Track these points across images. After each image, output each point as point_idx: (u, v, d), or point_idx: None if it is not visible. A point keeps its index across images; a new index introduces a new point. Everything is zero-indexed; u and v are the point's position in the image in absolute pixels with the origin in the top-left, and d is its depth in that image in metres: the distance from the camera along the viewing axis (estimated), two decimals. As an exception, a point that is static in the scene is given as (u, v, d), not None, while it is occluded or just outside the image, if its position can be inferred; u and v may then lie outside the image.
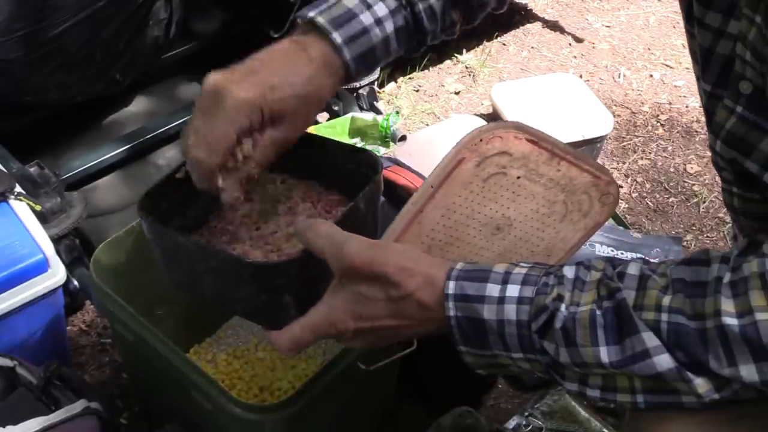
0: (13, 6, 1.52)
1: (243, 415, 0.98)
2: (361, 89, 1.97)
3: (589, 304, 0.66)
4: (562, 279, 0.68)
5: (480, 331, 0.69)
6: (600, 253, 1.60)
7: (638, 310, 0.64)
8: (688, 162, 2.21)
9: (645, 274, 0.66)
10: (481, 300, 0.69)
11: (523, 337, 0.67)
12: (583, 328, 0.65)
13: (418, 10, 0.90)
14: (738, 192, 0.77)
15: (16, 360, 1.17)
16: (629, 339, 0.64)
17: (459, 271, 0.71)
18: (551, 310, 0.66)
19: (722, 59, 0.71)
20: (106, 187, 1.74)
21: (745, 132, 0.69)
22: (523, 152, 0.80)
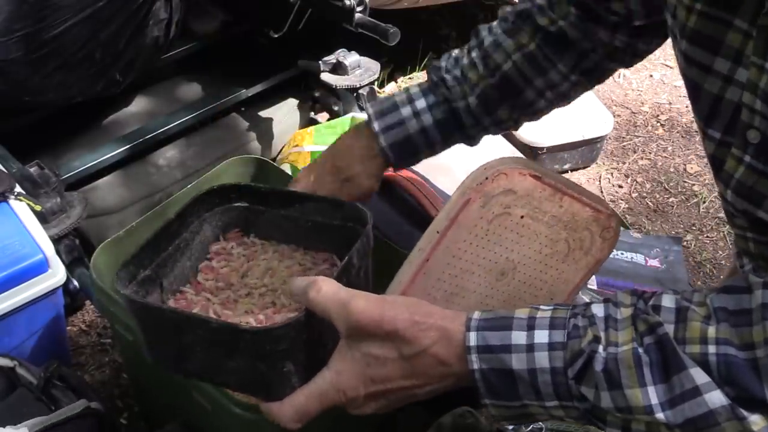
0: (13, 6, 1.51)
1: (243, 415, 0.98)
2: (361, 89, 1.97)
3: (629, 343, 0.62)
4: (593, 319, 0.64)
5: (509, 382, 0.65)
6: (600, 253, 1.60)
7: (681, 344, 0.61)
8: (688, 162, 2.21)
9: (682, 306, 0.63)
10: (507, 349, 0.65)
11: (559, 384, 0.64)
12: (628, 368, 0.62)
13: (455, 106, 0.96)
14: (753, 237, 0.75)
15: (16, 360, 1.17)
16: (677, 376, 0.60)
17: (478, 321, 0.67)
18: (588, 353, 0.63)
19: (732, 106, 0.70)
20: (106, 187, 1.74)
21: (755, 182, 0.67)
22: (527, 189, 0.79)
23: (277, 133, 1.98)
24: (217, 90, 1.94)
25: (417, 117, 0.94)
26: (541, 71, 0.94)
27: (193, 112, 1.85)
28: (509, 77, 0.96)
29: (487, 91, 0.96)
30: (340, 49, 1.99)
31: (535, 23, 0.94)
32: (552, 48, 0.94)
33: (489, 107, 0.96)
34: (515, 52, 0.94)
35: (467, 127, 0.97)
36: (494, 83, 0.96)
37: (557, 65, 0.94)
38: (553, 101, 0.99)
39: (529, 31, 0.95)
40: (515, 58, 0.94)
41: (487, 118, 0.97)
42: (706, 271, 1.91)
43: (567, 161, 2.12)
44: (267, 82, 1.97)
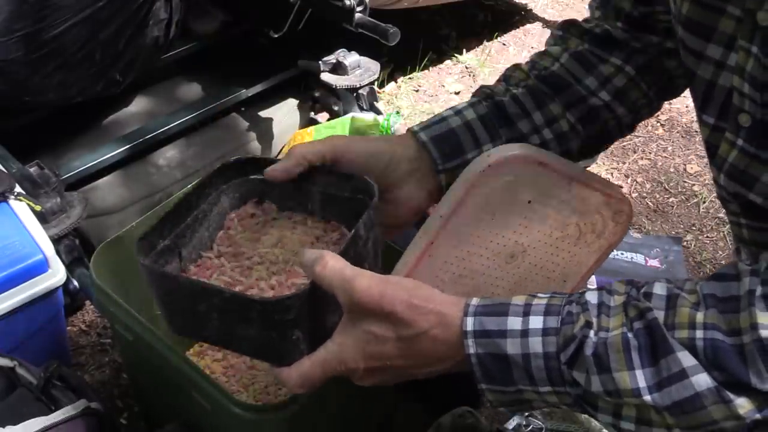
0: (13, 6, 1.52)
1: (243, 415, 0.98)
2: (361, 89, 1.97)
3: (619, 327, 0.64)
4: (586, 305, 0.66)
5: (504, 367, 0.67)
6: (600, 253, 1.60)
7: (671, 329, 0.62)
8: (688, 162, 2.21)
9: (673, 293, 0.64)
10: (503, 334, 0.66)
11: (552, 369, 0.65)
12: (617, 351, 0.63)
13: (498, 99, 0.88)
14: (746, 223, 0.76)
15: (16, 360, 1.17)
16: (664, 360, 0.62)
17: (476, 307, 0.68)
18: (580, 338, 0.64)
19: (724, 91, 0.71)
20: (106, 187, 1.74)
21: (747, 164, 0.68)
22: (533, 175, 0.78)
23: (277, 133, 1.98)
24: (217, 90, 1.94)
25: (458, 114, 0.88)
26: (590, 67, 0.88)
27: (193, 112, 1.85)
28: (557, 74, 0.89)
29: (534, 84, 0.89)
30: (340, 49, 1.99)
31: (581, 29, 0.92)
32: (600, 46, 0.88)
33: (537, 98, 0.88)
34: (562, 54, 0.89)
35: (514, 119, 0.87)
36: (541, 76, 0.89)
37: (608, 59, 0.88)
38: (610, 104, 0.88)
39: (575, 37, 0.91)
40: (563, 60, 0.89)
41: (537, 111, 0.87)
42: (706, 271, 1.91)
43: (567, 161, 2.11)
44: (267, 82, 1.97)
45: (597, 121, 0.89)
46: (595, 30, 0.90)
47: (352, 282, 0.69)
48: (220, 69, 2.01)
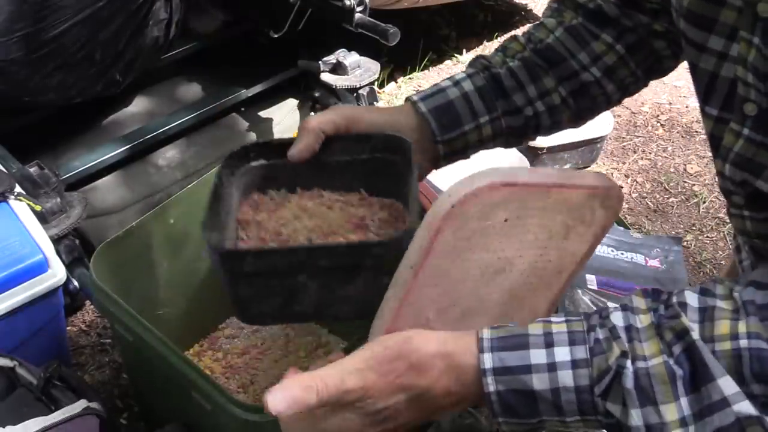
0: (13, 6, 1.52)
1: (243, 415, 0.98)
2: (361, 89, 1.97)
3: (659, 355, 0.61)
4: (614, 331, 0.63)
5: (528, 402, 0.63)
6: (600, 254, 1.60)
7: (710, 342, 0.60)
8: (688, 162, 2.21)
9: (708, 306, 0.62)
10: (527, 370, 0.63)
11: (584, 402, 0.62)
12: (662, 383, 0.60)
13: (495, 71, 0.90)
14: (750, 215, 0.76)
15: (16, 360, 1.17)
16: (705, 387, 0.59)
17: (491, 341, 0.64)
18: (615, 369, 0.61)
19: (727, 82, 0.71)
20: (106, 187, 1.74)
21: (754, 153, 0.68)
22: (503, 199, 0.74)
23: (277, 133, 1.98)
24: (217, 90, 1.94)
25: (456, 85, 0.89)
26: (583, 43, 0.90)
27: (193, 112, 1.85)
28: (552, 46, 0.91)
29: (530, 57, 0.91)
30: (340, 49, 1.99)
31: (576, 2, 0.93)
32: (593, 22, 0.91)
33: (532, 71, 0.90)
34: (557, 28, 0.92)
35: (510, 92, 0.89)
36: (536, 49, 0.91)
37: (600, 36, 0.90)
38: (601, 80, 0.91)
39: (570, 10, 0.93)
40: (557, 34, 0.91)
41: (531, 84, 0.90)
42: (706, 271, 1.91)
43: (567, 161, 2.12)
44: (267, 82, 1.97)
45: (587, 96, 0.92)
46: (589, 5, 0.92)
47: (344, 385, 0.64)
48: (220, 69, 2.01)
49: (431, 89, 0.91)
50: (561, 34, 0.91)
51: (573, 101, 0.92)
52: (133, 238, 1.21)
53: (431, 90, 0.90)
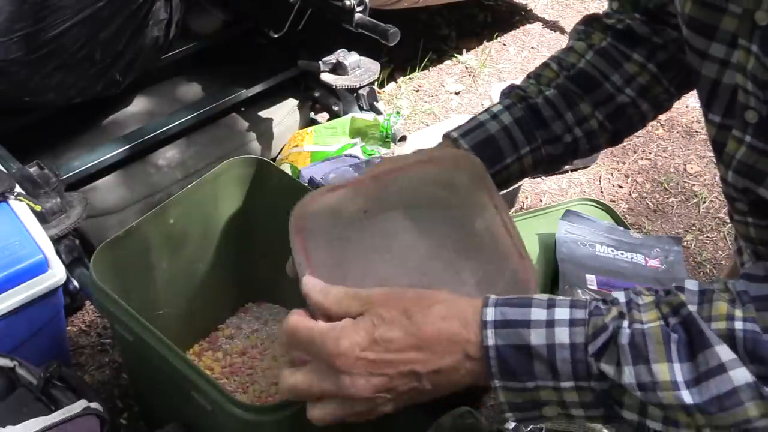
0: (13, 6, 1.51)
1: (243, 415, 0.98)
2: (361, 89, 1.97)
3: (656, 320, 0.62)
4: (615, 301, 0.65)
5: (525, 359, 0.64)
6: (600, 254, 1.60)
7: (707, 321, 0.61)
8: (688, 162, 2.21)
9: (707, 289, 0.64)
10: (526, 324, 0.63)
11: (578, 361, 0.63)
12: (656, 342, 0.61)
13: (533, 102, 0.91)
14: (754, 221, 0.76)
15: (16, 360, 1.17)
16: (702, 354, 0.60)
17: (496, 299, 0.66)
18: (612, 328, 0.62)
19: (729, 89, 0.71)
20: (106, 187, 1.74)
21: (756, 160, 0.68)
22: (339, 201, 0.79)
23: (277, 133, 1.98)
24: (217, 90, 1.94)
25: (495, 118, 0.90)
26: (615, 65, 0.91)
27: (193, 112, 1.85)
28: (585, 71, 0.92)
29: (564, 84, 0.92)
30: (340, 49, 1.99)
31: (603, 24, 0.94)
32: (623, 42, 0.92)
33: (568, 99, 0.91)
34: (587, 51, 0.93)
35: (549, 122, 0.90)
36: (570, 76, 0.92)
37: (631, 56, 0.91)
38: (636, 100, 0.92)
39: (599, 32, 0.94)
40: (588, 57, 0.92)
41: (569, 112, 0.91)
42: (706, 271, 1.91)
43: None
44: (267, 82, 1.97)
45: (623, 117, 0.93)
46: (617, 26, 0.92)
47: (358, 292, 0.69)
48: (220, 69, 2.01)
49: (470, 124, 0.91)
50: (592, 58, 0.92)
51: (610, 124, 0.93)
52: (133, 238, 1.21)
53: (470, 125, 0.91)
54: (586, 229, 1.64)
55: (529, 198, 2.05)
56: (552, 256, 1.58)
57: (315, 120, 2.08)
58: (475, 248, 0.77)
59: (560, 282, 1.50)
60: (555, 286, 1.53)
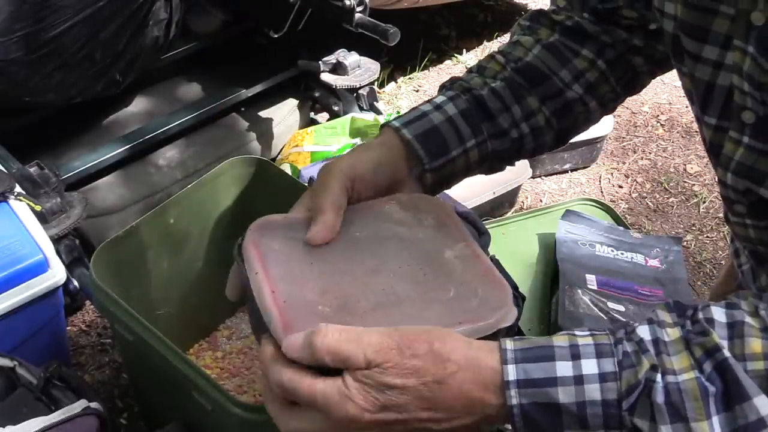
0: (13, 6, 1.52)
1: (243, 415, 0.98)
2: (361, 89, 1.97)
3: (689, 370, 0.59)
4: (642, 344, 0.61)
5: (553, 415, 0.61)
6: (600, 254, 1.60)
7: (741, 360, 0.59)
8: (688, 162, 2.21)
9: (737, 321, 0.60)
10: (553, 382, 0.60)
11: (610, 416, 0.60)
12: (694, 399, 0.58)
13: (478, 93, 0.85)
14: (752, 223, 0.75)
15: (16, 360, 1.17)
16: (739, 407, 0.58)
17: (515, 352, 0.62)
18: (644, 383, 0.60)
19: (724, 91, 0.71)
20: (106, 187, 1.74)
21: (755, 161, 0.68)
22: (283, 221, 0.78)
23: (277, 133, 1.98)
24: (217, 90, 1.94)
25: (439, 109, 0.84)
26: (564, 60, 0.87)
27: (193, 112, 1.85)
28: (532, 65, 0.88)
29: (511, 77, 0.87)
30: (340, 49, 1.99)
31: (551, 20, 0.91)
32: (572, 39, 0.88)
33: (515, 91, 0.86)
34: (535, 45, 0.89)
35: (495, 114, 0.85)
36: (517, 68, 0.88)
37: (580, 53, 0.88)
38: (584, 98, 0.89)
39: (546, 27, 0.91)
40: (536, 51, 0.88)
41: (516, 104, 0.86)
42: (706, 271, 1.91)
43: (567, 161, 2.12)
44: (267, 82, 1.97)
45: (570, 114, 0.90)
46: (566, 22, 0.89)
47: (361, 342, 0.62)
48: (220, 69, 2.01)
49: (411, 114, 0.85)
50: (540, 52, 0.88)
51: (556, 121, 0.89)
52: (133, 238, 1.21)
53: (412, 115, 0.84)
54: (586, 229, 1.64)
55: (529, 198, 2.05)
56: (552, 256, 1.58)
57: (315, 120, 2.08)
58: (445, 273, 0.73)
59: (560, 282, 1.50)
60: (555, 286, 1.53)
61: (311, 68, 1.97)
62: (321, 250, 0.74)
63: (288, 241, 0.75)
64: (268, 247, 0.74)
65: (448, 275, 0.73)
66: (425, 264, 0.74)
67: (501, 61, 0.89)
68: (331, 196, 0.76)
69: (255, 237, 0.75)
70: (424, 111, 0.84)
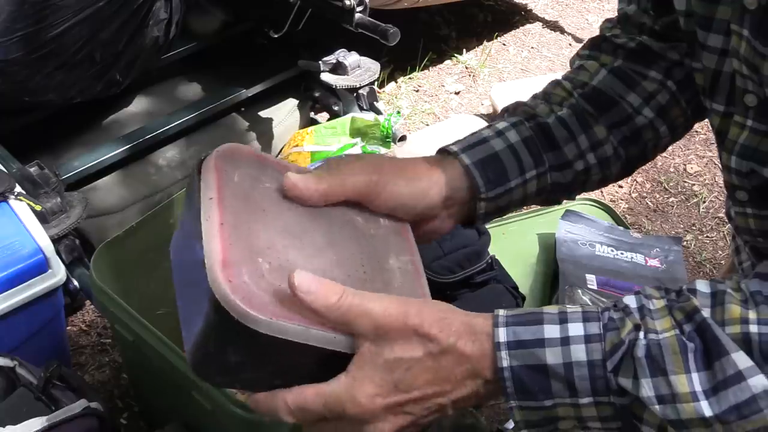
0: (13, 6, 1.52)
1: (243, 415, 0.98)
2: (361, 89, 1.97)
3: (671, 329, 0.61)
4: (627, 309, 0.63)
5: (542, 379, 0.62)
6: (600, 254, 1.60)
7: (720, 325, 0.60)
8: (688, 162, 2.21)
9: (718, 290, 0.62)
10: (540, 344, 0.62)
11: (596, 378, 0.61)
12: (673, 353, 0.60)
13: (543, 121, 0.82)
14: (753, 212, 0.76)
15: (17, 360, 1.17)
16: (718, 362, 0.59)
17: (506, 317, 0.63)
18: (628, 342, 0.61)
19: (729, 77, 0.71)
20: (106, 187, 1.74)
21: (759, 142, 0.68)
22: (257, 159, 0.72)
23: (277, 133, 1.98)
24: (217, 90, 1.94)
25: (500, 135, 0.80)
26: (632, 83, 0.84)
27: (193, 112, 1.85)
28: (599, 89, 0.84)
29: (578, 104, 0.83)
30: (340, 49, 1.99)
31: (613, 44, 0.87)
32: (637, 61, 0.84)
33: (582, 119, 0.82)
34: (599, 71, 0.85)
35: (560, 144, 0.82)
36: (584, 94, 0.84)
37: (648, 75, 0.84)
38: (654, 122, 0.84)
39: (608, 53, 0.87)
40: (600, 77, 0.84)
41: (583, 134, 0.82)
42: (706, 271, 1.91)
43: (567, 161, 2.12)
44: (267, 82, 1.97)
45: (639, 142, 0.86)
46: (629, 44, 0.86)
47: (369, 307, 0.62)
48: (220, 69, 2.01)
49: (472, 139, 0.81)
50: (606, 77, 0.84)
51: (624, 150, 0.85)
52: (133, 238, 1.21)
53: (472, 139, 0.80)
54: (586, 228, 1.64)
55: (529, 198, 2.06)
56: (552, 256, 1.59)
57: (315, 120, 2.08)
58: (383, 280, 0.71)
59: (560, 282, 1.50)
60: (555, 286, 1.53)
61: (311, 68, 1.97)
62: (279, 203, 0.71)
63: (250, 178, 0.71)
64: (229, 176, 0.69)
65: (385, 283, 0.71)
66: (368, 262, 0.72)
67: (567, 87, 0.85)
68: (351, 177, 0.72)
69: (219, 161, 0.70)
70: (485, 137, 0.80)
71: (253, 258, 0.65)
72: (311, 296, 0.62)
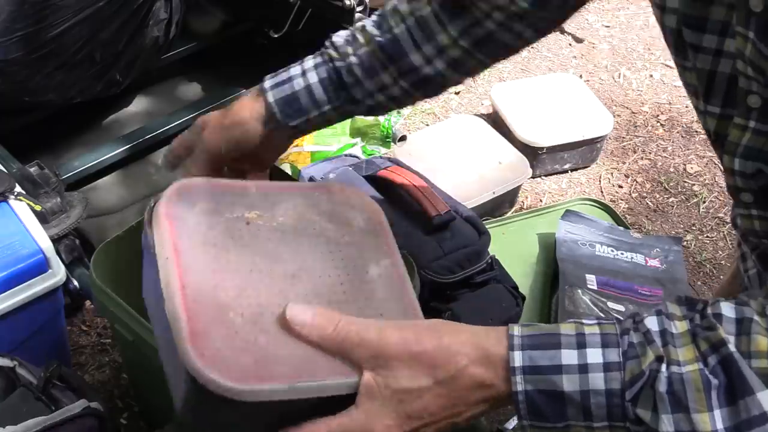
0: (13, 6, 1.52)
1: (243, 415, 0.98)
2: (361, 89, 1.97)
3: (694, 362, 0.59)
4: (649, 335, 0.61)
5: (557, 404, 0.61)
6: (600, 254, 1.60)
7: (747, 358, 0.58)
8: (688, 162, 2.21)
9: (745, 317, 0.60)
10: (558, 370, 0.61)
11: (613, 406, 0.61)
12: (696, 390, 0.58)
13: (338, 65, 0.93)
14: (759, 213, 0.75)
15: (16, 360, 1.17)
16: (743, 401, 0.58)
17: (521, 338, 0.62)
18: (649, 373, 0.60)
19: (726, 78, 0.71)
20: (106, 187, 1.74)
21: (764, 143, 0.68)
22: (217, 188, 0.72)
23: (277, 133, 1.97)
24: (217, 90, 1.94)
25: (303, 76, 0.94)
26: (430, 35, 0.90)
27: (193, 112, 1.85)
28: (398, 39, 0.91)
29: (372, 51, 0.92)
30: (340, 49, 1.98)
31: None
32: (446, 11, 0.89)
33: (371, 69, 0.91)
34: (409, 16, 0.91)
35: (350, 87, 0.93)
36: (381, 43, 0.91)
37: (447, 27, 0.89)
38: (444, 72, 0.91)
39: None
40: (408, 23, 0.91)
41: (369, 80, 0.92)
42: (706, 271, 1.91)
43: (567, 161, 2.12)
44: (267, 82, 1.97)
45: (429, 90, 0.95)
46: None
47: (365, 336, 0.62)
48: (220, 69, 2.01)
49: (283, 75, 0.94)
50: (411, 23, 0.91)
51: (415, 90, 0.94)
52: (133, 238, 1.21)
53: (283, 76, 0.94)
54: (586, 229, 1.64)
55: (529, 198, 2.05)
56: (552, 256, 1.59)
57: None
58: (365, 296, 0.69)
59: (560, 282, 1.50)
60: (555, 286, 1.53)
61: (311, 68, 1.97)
62: (241, 235, 0.68)
63: (207, 216, 0.68)
64: (183, 222, 0.66)
65: (367, 299, 0.69)
66: (347, 278, 0.69)
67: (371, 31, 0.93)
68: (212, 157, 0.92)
69: (170, 208, 0.66)
70: (292, 75, 0.94)
71: (224, 316, 0.62)
72: (306, 329, 0.62)
